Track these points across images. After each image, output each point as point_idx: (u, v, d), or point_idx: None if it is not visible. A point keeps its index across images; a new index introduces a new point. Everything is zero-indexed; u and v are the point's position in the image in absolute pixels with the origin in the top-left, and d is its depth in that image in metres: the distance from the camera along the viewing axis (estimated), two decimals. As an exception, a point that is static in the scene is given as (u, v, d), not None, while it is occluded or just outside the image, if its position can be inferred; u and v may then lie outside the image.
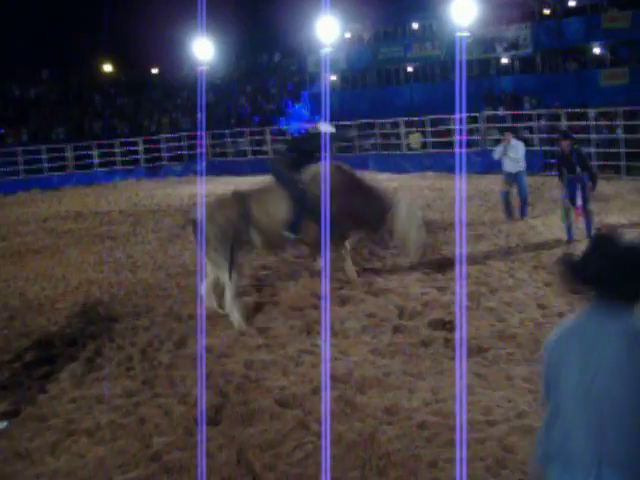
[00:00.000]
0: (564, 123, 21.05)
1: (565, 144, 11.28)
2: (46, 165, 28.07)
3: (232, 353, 7.13)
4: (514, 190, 13.62)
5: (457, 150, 21.77)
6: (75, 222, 17.45)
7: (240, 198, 8.77)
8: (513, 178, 13.55)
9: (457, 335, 6.92)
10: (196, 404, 5.65)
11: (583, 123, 21.51)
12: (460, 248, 9.59)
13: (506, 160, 13.58)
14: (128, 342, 7.76)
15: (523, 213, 13.53)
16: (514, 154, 13.45)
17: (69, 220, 17.87)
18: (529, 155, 21.03)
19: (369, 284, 9.35)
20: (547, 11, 32.39)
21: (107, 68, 41.22)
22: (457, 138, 23.07)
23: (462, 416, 4.92)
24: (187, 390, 6.23)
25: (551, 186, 13.14)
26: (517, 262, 10.13)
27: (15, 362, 7.38)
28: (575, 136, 12.93)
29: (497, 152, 13.81)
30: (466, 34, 25.35)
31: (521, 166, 13.52)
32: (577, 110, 22.37)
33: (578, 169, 11.00)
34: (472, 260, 10.25)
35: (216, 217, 8.42)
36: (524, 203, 13.61)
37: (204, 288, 8.49)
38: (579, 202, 10.95)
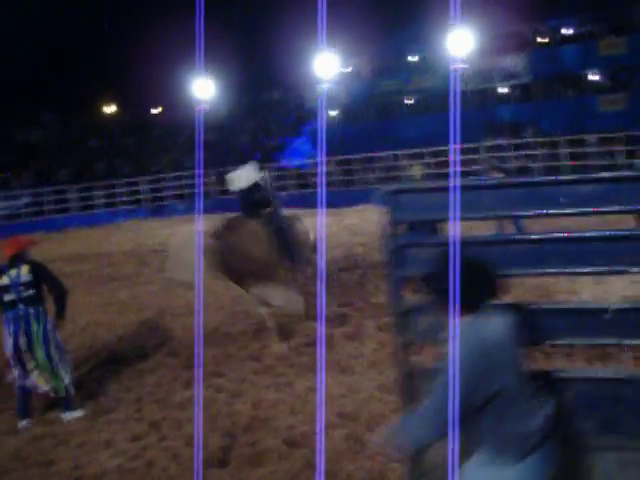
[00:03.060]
0: (564, 150, 21.13)
1: (495, 176, 11.02)
2: (49, 207, 28.27)
3: (240, 393, 7.09)
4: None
5: (450, 182, 21.76)
6: (80, 264, 17.45)
7: None
8: None
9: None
10: (204, 446, 5.60)
11: (583, 150, 21.58)
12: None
13: None
14: (136, 384, 7.73)
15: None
16: None
17: (74, 262, 17.87)
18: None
19: (375, 318, 9.31)
20: (543, 40, 32.72)
21: (108, 109, 41.65)
22: (451, 170, 23.14)
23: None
24: (195, 432, 6.18)
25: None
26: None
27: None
28: (504, 166, 12.61)
29: None
30: (463, 65, 25.55)
31: None
32: (576, 137, 22.47)
33: None
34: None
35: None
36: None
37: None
38: None
